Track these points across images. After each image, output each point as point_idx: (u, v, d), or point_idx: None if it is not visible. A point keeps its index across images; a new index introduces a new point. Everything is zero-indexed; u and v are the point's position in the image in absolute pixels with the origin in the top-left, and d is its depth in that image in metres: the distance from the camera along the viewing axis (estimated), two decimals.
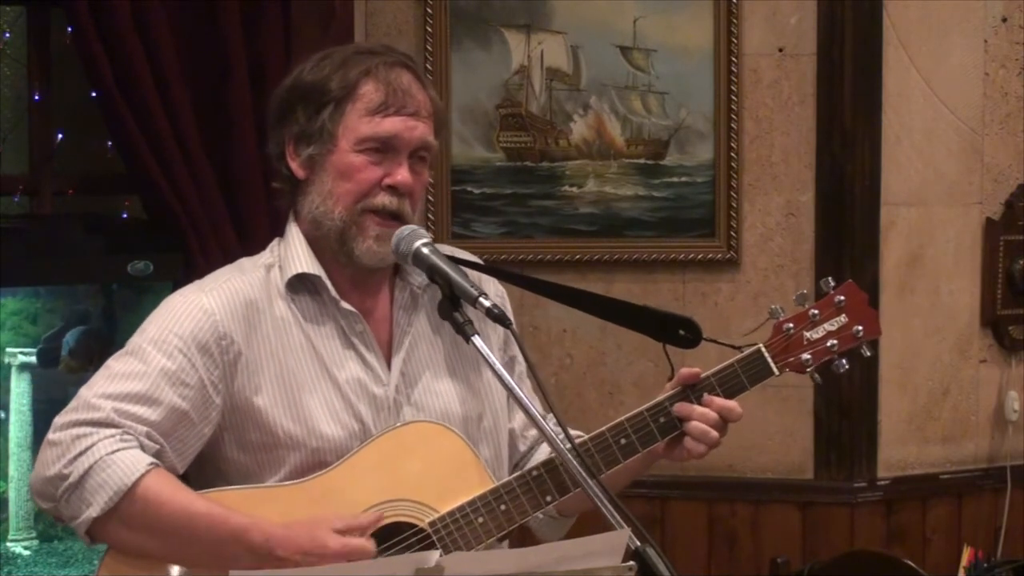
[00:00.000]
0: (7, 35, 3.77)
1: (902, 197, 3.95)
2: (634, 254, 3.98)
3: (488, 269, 2.49)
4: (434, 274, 2.22)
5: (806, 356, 2.36)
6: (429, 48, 3.96)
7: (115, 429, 2.19)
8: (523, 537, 2.38)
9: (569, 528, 2.48)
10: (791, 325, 2.36)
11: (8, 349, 3.57)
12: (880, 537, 3.92)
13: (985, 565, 3.67)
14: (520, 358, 2.53)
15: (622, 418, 2.32)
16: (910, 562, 3.37)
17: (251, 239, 3.58)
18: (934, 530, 3.99)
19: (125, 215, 3.77)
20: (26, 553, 3.58)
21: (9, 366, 3.57)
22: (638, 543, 1.96)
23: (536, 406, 2.44)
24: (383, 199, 2.30)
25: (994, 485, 4.04)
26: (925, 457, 4.00)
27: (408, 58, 2.41)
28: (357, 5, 3.93)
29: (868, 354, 2.40)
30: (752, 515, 3.96)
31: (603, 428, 2.32)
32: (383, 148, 2.31)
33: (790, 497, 3.94)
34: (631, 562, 1.96)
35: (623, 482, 2.42)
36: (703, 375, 2.34)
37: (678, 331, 2.37)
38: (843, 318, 2.38)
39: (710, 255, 3.95)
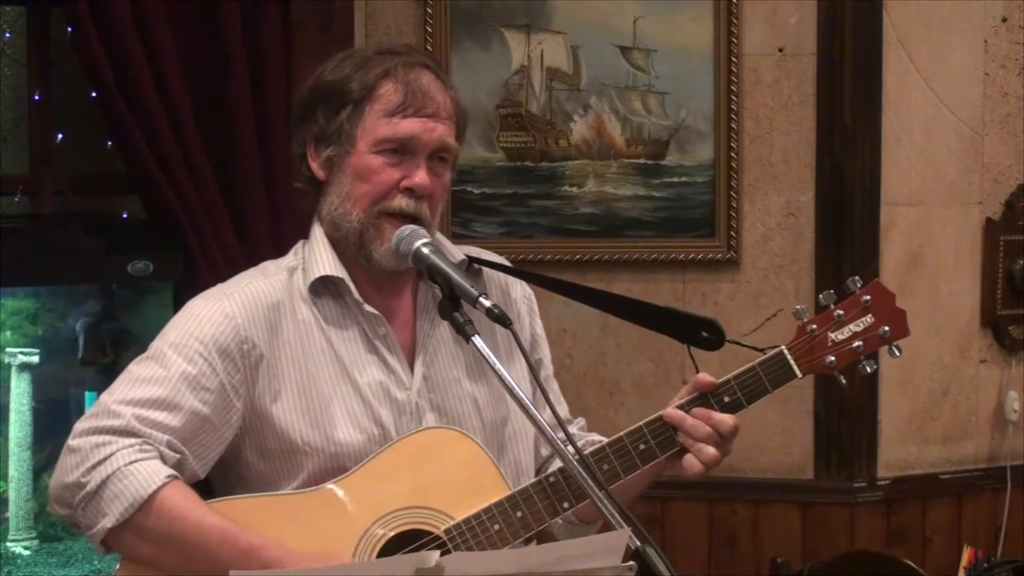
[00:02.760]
0: (7, 35, 3.77)
1: (902, 197, 3.95)
2: (634, 254, 3.98)
3: (512, 270, 2.47)
4: (434, 274, 2.22)
5: (831, 358, 2.32)
6: (429, 48, 3.95)
7: (135, 439, 2.18)
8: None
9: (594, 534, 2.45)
10: (815, 326, 2.31)
11: (8, 349, 3.57)
12: (880, 537, 3.92)
13: (985, 565, 3.67)
14: (546, 361, 2.53)
15: (640, 423, 2.29)
16: (910, 562, 3.36)
17: (251, 239, 3.59)
18: (934, 530, 3.99)
19: (125, 215, 3.76)
20: (26, 553, 3.57)
21: (9, 366, 3.57)
22: (638, 543, 1.96)
23: (563, 410, 2.44)
24: (400, 201, 2.29)
25: (994, 485, 4.04)
26: (925, 457, 4.00)
27: (430, 58, 2.39)
28: (357, 5, 3.93)
29: (897, 354, 2.35)
30: (752, 515, 3.96)
31: (621, 433, 2.29)
32: (401, 150, 2.29)
33: (790, 497, 3.94)
34: (631, 562, 1.96)
35: (636, 489, 2.40)
36: (724, 378, 2.31)
37: (701, 333, 2.35)
38: (869, 318, 2.33)
39: (710, 255, 3.95)
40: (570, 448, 2.10)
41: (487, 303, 2.12)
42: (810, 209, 3.92)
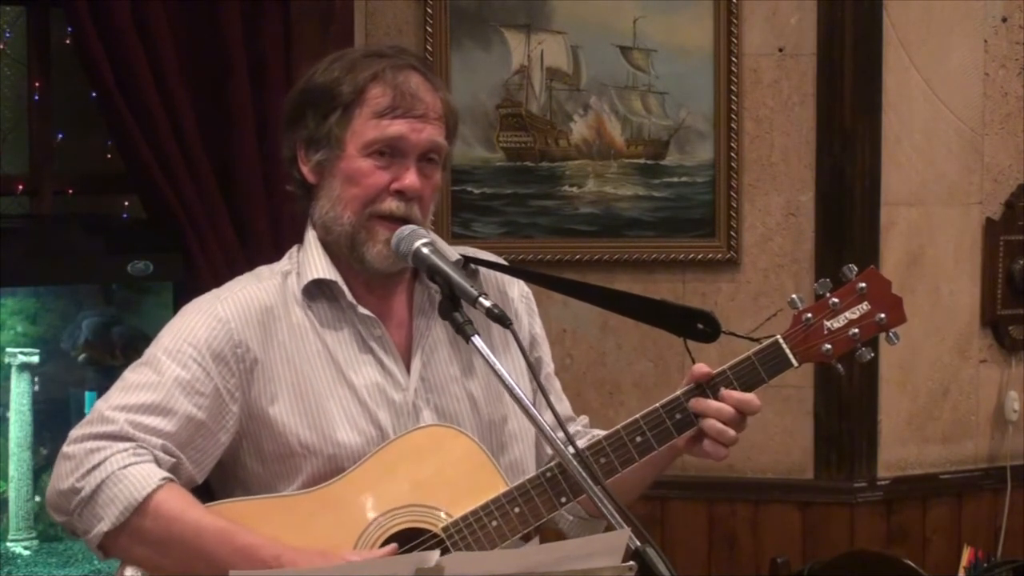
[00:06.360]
0: (7, 35, 3.77)
1: (902, 197, 3.95)
2: (634, 254, 3.98)
3: (510, 269, 2.47)
4: (434, 274, 2.21)
5: (827, 346, 2.29)
6: (429, 48, 3.96)
7: (129, 443, 2.18)
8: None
9: (603, 529, 2.44)
10: (810, 315, 2.29)
11: (8, 349, 3.57)
12: (880, 537, 3.92)
13: (985, 565, 3.67)
14: (546, 360, 2.52)
15: (637, 415, 2.29)
16: (910, 562, 3.37)
17: (251, 239, 3.59)
18: (934, 530, 3.99)
19: (125, 215, 3.76)
20: (26, 553, 3.58)
21: (9, 366, 3.57)
22: (638, 543, 1.96)
23: (564, 407, 2.45)
24: (390, 204, 2.28)
25: (994, 485, 4.04)
26: (925, 457, 4.00)
27: (419, 60, 2.39)
28: (357, 5, 3.93)
29: (895, 342, 2.33)
30: (752, 515, 3.96)
31: (618, 426, 2.29)
32: (391, 152, 2.28)
33: (790, 497, 3.94)
34: (631, 562, 1.96)
35: (648, 479, 2.39)
36: (720, 368, 2.30)
37: (696, 325, 2.34)
38: (865, 305, 2.31)
39: (710, 255, 3.95)
40: (570, 447, 2.10)
41: (487, 303, 2.12)
42: (810, 209, 3.92)
